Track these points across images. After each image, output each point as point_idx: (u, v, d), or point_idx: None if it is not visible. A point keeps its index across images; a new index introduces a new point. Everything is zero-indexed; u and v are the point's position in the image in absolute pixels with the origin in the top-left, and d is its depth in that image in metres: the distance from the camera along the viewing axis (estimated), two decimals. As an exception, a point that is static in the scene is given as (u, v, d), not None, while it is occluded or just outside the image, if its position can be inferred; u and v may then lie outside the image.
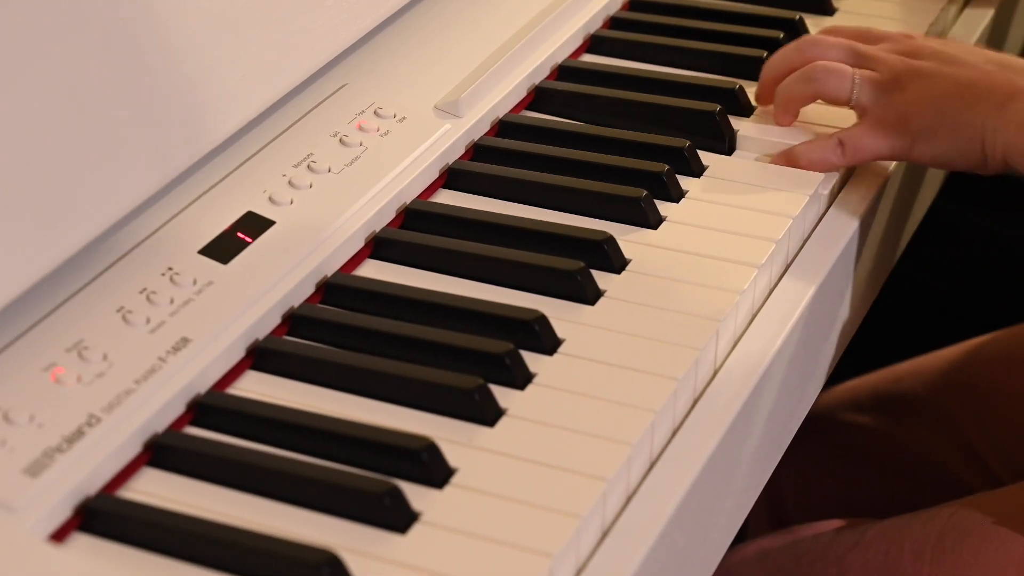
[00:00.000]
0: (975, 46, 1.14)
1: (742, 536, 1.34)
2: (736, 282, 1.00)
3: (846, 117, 1.15)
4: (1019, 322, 1.40)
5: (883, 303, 1.32)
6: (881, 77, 1.11)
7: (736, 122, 1.16)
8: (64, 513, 0.83)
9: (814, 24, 1.28)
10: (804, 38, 1.16)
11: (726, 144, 1.14)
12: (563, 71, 1.21)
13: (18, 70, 0.89)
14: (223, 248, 0.98)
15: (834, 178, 1.12)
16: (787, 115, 1.16)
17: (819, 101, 1.15)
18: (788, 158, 1.12)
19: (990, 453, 1.33)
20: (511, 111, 1.16)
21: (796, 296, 1.03)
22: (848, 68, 1.12)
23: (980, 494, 1.22)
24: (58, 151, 0.91)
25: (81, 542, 0.83)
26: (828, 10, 1.32)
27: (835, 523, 1.26)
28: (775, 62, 1.16)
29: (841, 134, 1.11)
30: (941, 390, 1.37)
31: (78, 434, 0.85)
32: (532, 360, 0.94)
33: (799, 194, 1.08)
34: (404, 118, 1.10)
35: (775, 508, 1.41)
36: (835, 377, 1.21)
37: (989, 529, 1.13)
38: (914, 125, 1.10)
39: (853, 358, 1.28)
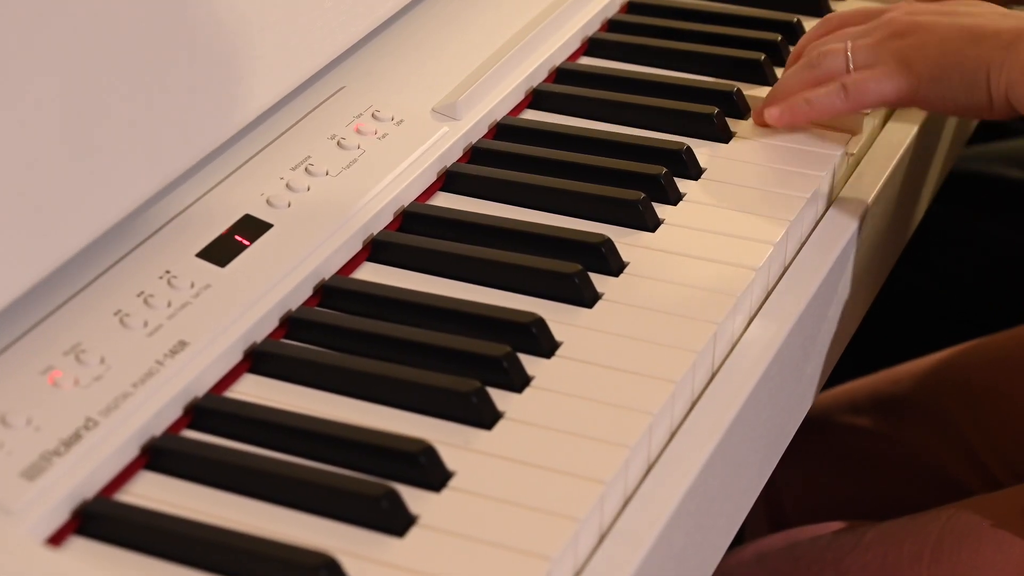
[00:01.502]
0: (977, 2, 1.14)
1: (740, 538, 1.34)
2: (734, 285, 1.00)
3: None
4: (1017, 324, 1.40)
5: (881, 305, 1.32)
6: (877, 37, 1.11)
7: (734, 124, 1.16)
8: (61, 516, 0.83)
9: (811, 26, 1.28)
10: (811, 55, 1.16)
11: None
12: (561, 74, 1.21)
13: (15, 74, 0.89)
14: (221, 251, 0.98)
15: (832, 178, 1.12)
16: (784, 104, 1.15)
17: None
18: (791, 108, 1.12)
19: (989, 455, 1.33)
20: (509, 114, 1.16)
21: (794, 299, 1.03)
22: (840, 45, 1.12)
23: (978, 496, 1.22)
24: (55, 154, 0.91)
25: (78, 545, 0.83)
26: (823, 12, 1.31)
27: (833, 525, 1.26)
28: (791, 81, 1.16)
29: (845, 78, 1.11)
30: (939, 392, 1.37)
31: (75, 437, 0.85)
32: (530, 363, 0.94)
33: (797, 197, 1.08)
34: (402, 121, 1.10)
35: (773, 510, 1.41)
36: (833, 379, 1.21)
37: (987, 532, 1.13)
38: (917, 67, 1.09)
39: (851, 360, 1.28)
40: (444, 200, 1.08)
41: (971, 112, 1.10)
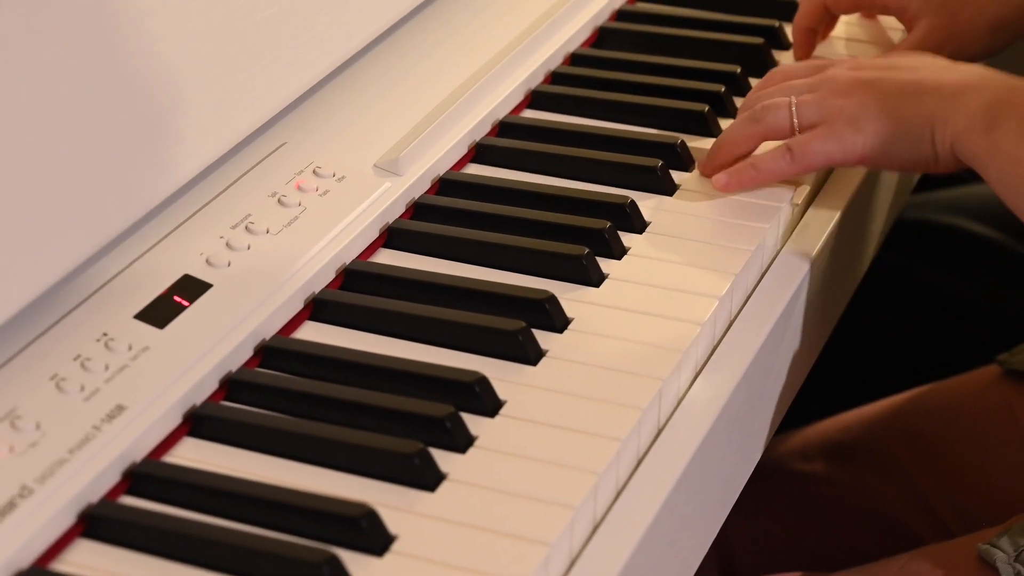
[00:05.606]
0: (921, 55, 1.14)
1: (691, 592, 1.33)
2: (679, 340, 0.99)
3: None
4: (965, 371, 1.40)
5: (830, 353, 1.31)
6: (821, 94, 1.11)
7: (678, 176, 1.16)
8: (-4, 588, 0.82)
9: (754, 79, 1.28)
10: (754, 107, 1.15)
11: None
12: (504, 127, 1.21)
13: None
14: (159, 312, 0.97)
15: (778, 230, 1.12)
16: (731, 169, 1.15)
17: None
18: (739, 174, 1.11)
19: (939, 502, 1.32)
20: (452, 168, 1.16)
21: (740, 352, 1.02)
22: (784, 99, 1.12)
23: (930, 546, 1.21)
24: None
25: (13, 617, 0.82)
26: (768, 64, 1.31)
27: (784, 577, 1.26)
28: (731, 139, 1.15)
29: (790, 141, 1.11)
30: (889, 439, 1.36)
31: (10, 506, 0.84)
32: (473, 423, 0.93)
33: (743, 250, 1.08)
34: (343, 177, 1.09)
35: (724, 561, 1.41)
36: (783, 426, 1.20)
37: (938, 581, 1.12)
38: (862, 124, 1.09)
39: (801, 408, 1.27)
40: (386, 257, 1.07)
41: (918, 167, 1.10)
